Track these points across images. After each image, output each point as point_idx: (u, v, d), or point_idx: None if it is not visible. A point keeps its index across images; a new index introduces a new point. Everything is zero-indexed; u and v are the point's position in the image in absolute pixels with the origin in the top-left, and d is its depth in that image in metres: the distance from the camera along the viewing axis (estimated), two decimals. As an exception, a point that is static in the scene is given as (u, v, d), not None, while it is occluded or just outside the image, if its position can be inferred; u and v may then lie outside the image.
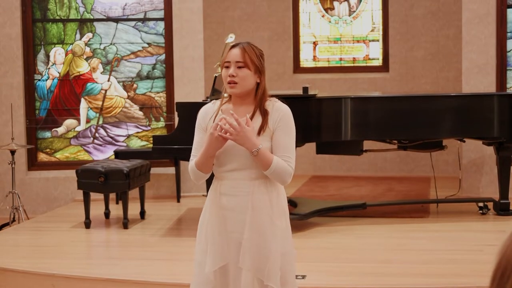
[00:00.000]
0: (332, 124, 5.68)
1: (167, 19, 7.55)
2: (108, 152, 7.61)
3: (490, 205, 6.27)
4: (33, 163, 7.56)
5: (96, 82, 7.64)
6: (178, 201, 7.20)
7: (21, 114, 7.40)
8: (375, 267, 4.63)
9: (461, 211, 6.30)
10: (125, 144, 7.65)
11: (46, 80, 7.60)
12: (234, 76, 2.82)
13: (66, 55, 7.63)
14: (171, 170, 7.34)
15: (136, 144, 7.66)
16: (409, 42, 8.86)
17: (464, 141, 6.55)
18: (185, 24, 7.45)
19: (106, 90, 7.65)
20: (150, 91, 7.65)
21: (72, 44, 7.63)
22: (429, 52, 8.81)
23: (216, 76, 5.83)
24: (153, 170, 6.81)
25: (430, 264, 4.65)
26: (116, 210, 6.67)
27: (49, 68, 7.61)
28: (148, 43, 7.64)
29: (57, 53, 7.62)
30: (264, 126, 2.83)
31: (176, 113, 6.23)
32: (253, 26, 9.10)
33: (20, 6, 7.38)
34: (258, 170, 2.81)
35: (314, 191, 7.77)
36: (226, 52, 2.88)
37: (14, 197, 6.60)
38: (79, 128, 7.66)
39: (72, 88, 7.64)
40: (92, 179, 5.98)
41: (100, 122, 7.65)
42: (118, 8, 7.63)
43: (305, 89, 5.58)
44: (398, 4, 8.89)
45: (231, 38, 5.72)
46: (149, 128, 7.67)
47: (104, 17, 7.63)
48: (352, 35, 9.18)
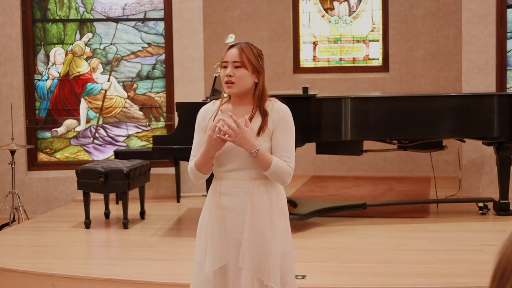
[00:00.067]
0: (332, 124, 5.68)
1: (167, 19, 7.55)
2: (108, 152, 7.61)
3: (490, 205, 6.27)
4: (33, 163, 7.56)
5: (96, 82, 7.64)
6: (178, 201, 7.20)
7: (21, 114, 7.40)
8: (375, 267, 4.63)
9: (461, 211, 6.30)
10: (125, 144, 7.65)
11: (46, 80, 7.60)
12: (231, 76, 2.83)
13: (66, 55, 7.63)
14: (171, 170, 7.34)
15: (136, 144, 7.66)
16: (409, 42, 8.86)
17: (464, 141, 6.55)
18: (185, 24, 7.45)
19: (106, 90, 7.65)
20: (150, 91, 7.65)
21: (72, 44, 7.63)
22: (429, 52, 8.81)
23: (216, 76, 5.83)
24: (153, 170, 6.81)
25: (430, 264, 4.65)
26: (116, 210, 6.67)
27: (49, 68, 7.61)
28: (148, 43, 7.64)
29: (57, 53, 7.62)
30: (263, 126, 2.83)
31: (176, 113, 6.23)
32: (253, 26, 9.10)
33: (20, 6, 7.38)
34: (257, 170, 2.81)
35: (314, 191, 7.77)
36: (224, 52, 2.89)
37: (14, 197, 6.60)
38: (79, 128, 7.66)
39: (72, 88, 7.64)
40: (92, 179, 5.98)
41: (100, 122, 7.65)
42: (118, 8, 7.63)
43: (305, 89, 5.58)
44: (398, 4, 8.89)
45: (231, 38, 5.73)
46: (149, 128, 7.67)
47: (104, 17, 7.63)
48: (352, 35, 9.18)
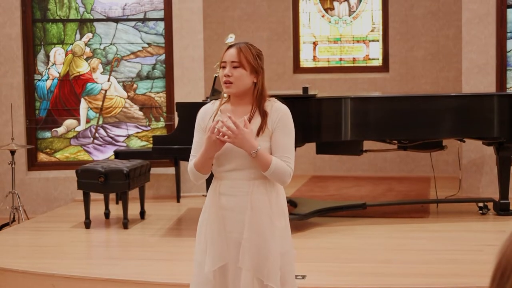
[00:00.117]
0: (332, 124, 5.68)
1: (167, 19, 7.55)
2: (108, 152, 7.61)
3: (490, 205, 6.27)
4: (33, 163, 7.56)
5: (96, 82, 7.64)
6: (178, 201, 7.20)
7: (21, 114, 7.40)
8: (375, 267, 4.63)
9: (461, 211, 6.30)
10: (125, 144, 7.65)
11: (46, 80, 7.60)
12: (229, 76, 2.83)
13: (66, 55, 7.63)
14: (171, 170, 7.34)
15: (136, 144, 7.66)
16: (409, 42, 8.86)
17: (464, 141, 6.55)
18: (185, 24, 7.45)
19: (106, 90, 7.64)
20: (150, 91, 7.65)
21: (72, 44, 7.63)
22: (429, 52, 8.81)
23: (216, 76, 5.83)
24: (153, 170, 6.81)
25: (430, 264, 4.65)
26: (116, 210, 6.67)
27: (49, 68, 7.61)
28: (148, 43, 7.64)
29: (57, 53, 7.62)
30: (263, 126, 2.83)
31: (176, 113, 6.23)
32: (253, 26, 9.10)
33: (20, 6, 7.38)
34: (257, 170, 2.81)
35: (314, 191, 7.77)
36: (223, 53, 2.90)
37: (14, 197, 6.60)
38: (79, 128, 7.66)
39: (72, 88, 7.64)
40: (92, 179, 5.98)
41: (100, 122, 7.65)
42: (118, 8, 7.63)
43: (305, 89, 5.58)
44: (398, 4, 8.89)
45: (231, 38, 5.72)
46: (149, 128, 7.67)
47: (104, 17, 7.63)
48: (352, 35, 9.18)
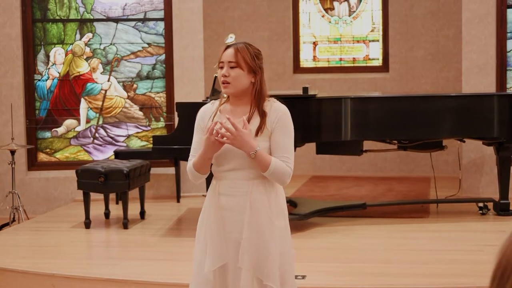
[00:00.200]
0: (332, 124, 5.68)
1: (167, 19, 7.55)
2: (108, 152, 7.61)
3: (490, 205, 6.27)
4: (33, 163, 7.56)
5: (96, 82, 7.64)
6: (178, 201, 7.20)
7: (21, 114, 7.40)
8: (375, 267, 4.63)
9: (461, 211, 6.30)
10: (125, 144, 7.65)
11: (46, 80, 7.60)
12: (226, 76, 2.84)
13: (66, 55, 7.63)
14: (171, 170, 7.34)
15: (136, 144, 7.66)
16: (409, 42, 8.86)
17: (464, 141, 6.55)
18: (185, 24, 7.45)
19: (106, 90, 7.64)
20: (150, 91, 7.65)
21: (72, 44, 7.63)
22: (429, 52, 8.81)
23: (216, 76, 5.83)
24: (153, 170, 6.81)
25: (430, 264, 4.65)
26: (116, 210, 6.67)
27: (49, 68, 7.61)
28: (148, 43, 7.64)
29: (57, 53, 7.62)
30: (262, 126, 2.83)
31: (176, 113, 6.23)
32: (253, 26, 9.10)
33: (20, 6, 7.38)
34: (256, 170, 2.81)
35: (314, 191, 7.77)
36: (221, 53, 2.90)
37: (14, 197, 6.60)
38: (79, 128, 7.66)
39: (72, 88, 7.64)
40: (92, 179, 5.98)
41: (100, 122, 7.65)
42: (118, 8, 7.63)
43: (305, 89, 5.58)
44: (398, 4, 8.89)
45: (231, 38, 5.70)
46: (149, 128, 7.67)
47: (104, 17, 7.63)
48: (352, 35, 9.18)
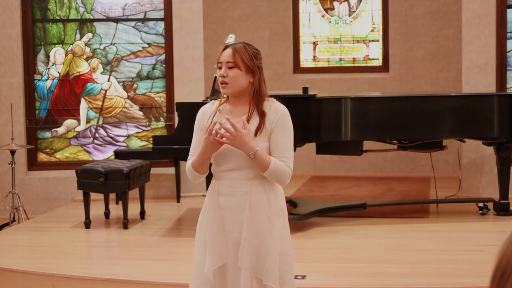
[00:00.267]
0: (332, 124, 5.68)
1: (167, 19, 7.55)
2: (108, 152, 7.61)
3: (490, 205, 6.27)
4: (33, 163, 7.56)
5: (96, 82, 7.64)
6: (178, 201, 7.20)
7: (21, 114, 7.40)
8: (375, 267, 4.63)
9: (461, 211, 6.30)
10: (125, 144, 7.65)
11: (46, 80, 7.60)
12: (224, 76, 2.85)
13: (66, 55, 7.63)
14: (171, 170, 7.34)
15: (136, 144, 7.66)
16: (409, 42, 8.86)
17: (464, 141, 6.55)
18: (185, 24, 7.45)
19: (106, 90, 7.64)
20: (150, 91, 7.65)
21: (72, 44, 7.63)
22: (429, 52, 8.81)
23: (216, 77, 5.83)
24: (153, 170, 6.81)
25: (430, 264, 4.65)
26: (116, 210, 6.67)
27: (49, 68, 7.61)
28: (148, 43, 7.64)
29: (57, 53, 7.62)
30: (261, 126, 2.83)
31: (176, 113, 6.23)
32: (253, 26, 9.10)
33: (20, 6, 7.38)
34: (255, 170, 2.81)
35: (314, 191, 7.77)
36: (219, 53, 2.91)
37: (14, 197, 6.60)
38: (79, 128, 7.66)
39: (72, 88, 7.64)
40: (92, 179, 5.98)
41: (100, 122, 7.65)
42: (118, 8, 7.63)
43: (305, 89, 5.58)
44: (398, 4, 8.89)
45: (231, 38, 5.72)
46: (149, 128, 7.67)
47: (104, 17, 7.63)
48: (352, 35, 9.18)
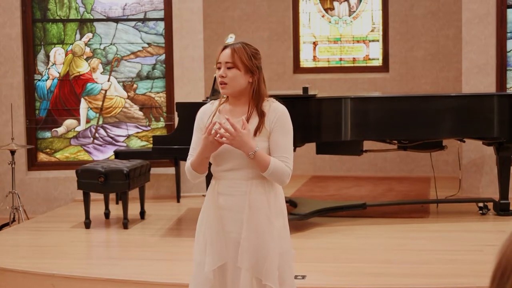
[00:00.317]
0: (332, 124, 5.68)
1: (167, 19, 7.55)
2: (108, 152, 7.61)
3: (490, 205, 6.27)
4: (33, 163, 7.56)
5: (96, 82, 7.64)
6: (178, 201, 7.20)
7: (21, 114, 7.40)
8: (375, 267, 4.63)
9: (461, 211, 6.30)
10: (125, 144, 7.65)
11: (46, 80, 7.60)
12: (223, 77, 2.85)
13: (66, 55, 7.63)
14: (171, 170, 7.34)
15: (136, 144, 7.66)
16: (409, 42, 8.86)
17: (464, 141, 6.55)
18: (185, 24, 7.45)
19: (106, 90, 7.64)
20: (150, 91, 7.65)
21: (72, 44, 7.63)
22: (429, 52, 8.81)
23: (216, 77, 5.83)
24: (153, 170, 6.81)
25: (430, 264, 4.65)
26: (116, 210, 6.67)
27: (49, 68, 7.61)
28: (148, 43, 7.64)
29: (57, 53, 7.62)
30: (260, 126, 2.83)
31: (176, 113, 6.23)
32: (253, 26, 9.10)
33: (20, 6, 7.38)
34: (255, 170, 2.81)
35: (314, 191, 7.77)
36: (218, 53, 2.91)
37: (14, 197, 6.60)
38: (79, 128, 7.66)
39: (72, 88, 7.64)
40: (92, 179, 5.98)
41: (100, 122, 7.65)
42: (118, 8, 7.63)
43: (305, 89, 5.58)
44: (398, 4, 8.89)
45: (231, 38, 5.72)
46: (149, 128, 7.67)
47: (104, 17, 7.63)
48: (352, 35, 9.18)
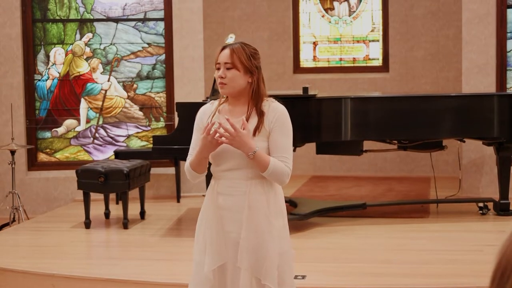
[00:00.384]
0: (332, 124, 5.68)
1: (167, 19, 7.55)
2: (108, 152, 7.61)
3: (490, 205, 6.27)
4: (33, 163, 7.56)
5: (96, 82, 7.64)
6: (178, 201, 7.20)
7: (21, 114, 7.40)
8: (375, 267, 4.63)
9: (461, 211, 6.30)
10: (125, 144, 7.65)
11: (46, 80, 7.60)
12: (223, 77, 2.85)
13: (66, 55, 7.63)
14: (171, 170, 7.34)
15: (136, 144, 7.66)
16: (409, 42, 8.86)
17: (464, 141, 6.55)
18: (185, 24, 7.45)
19: (106, 90, 7.64)
20: (150, 91, 7.65)
21: (72, 44, 7.63)
22: (429, 52, 8.81)
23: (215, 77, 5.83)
24: (153, 170, 6.81)
25: (430, 264, 4.65)
26: (116, 210, 6.67)
27: (49, 68, 7.61)
28: (148, 43, 7.64)
29: (57, 53, 7.62)
30: (259, 126, 2.84)
31: (176, 113, 6.23)
32: (253, 26, 9.10)
33: (20, 6, 7.38)
34: (254, 169, 2.81)
35: (314, 191, 7.77)
36: (217, 54, 2.91)
37: (14, 197, 6.60)
38: (79, 128, 7.66)
39: (72, 88, 7.64)
40: (92, 179, 5.98)
41: (100, 122, 7.65)
42: (118, 8, 7.63)
43: (305, 89, 5.58)
44: (398, 4, 8.89)
45: (231, 39, 5.72)
46: (149, 128, 7.67)
47: (104, 17, 7.63)
48: (352, 35, 9.18)
